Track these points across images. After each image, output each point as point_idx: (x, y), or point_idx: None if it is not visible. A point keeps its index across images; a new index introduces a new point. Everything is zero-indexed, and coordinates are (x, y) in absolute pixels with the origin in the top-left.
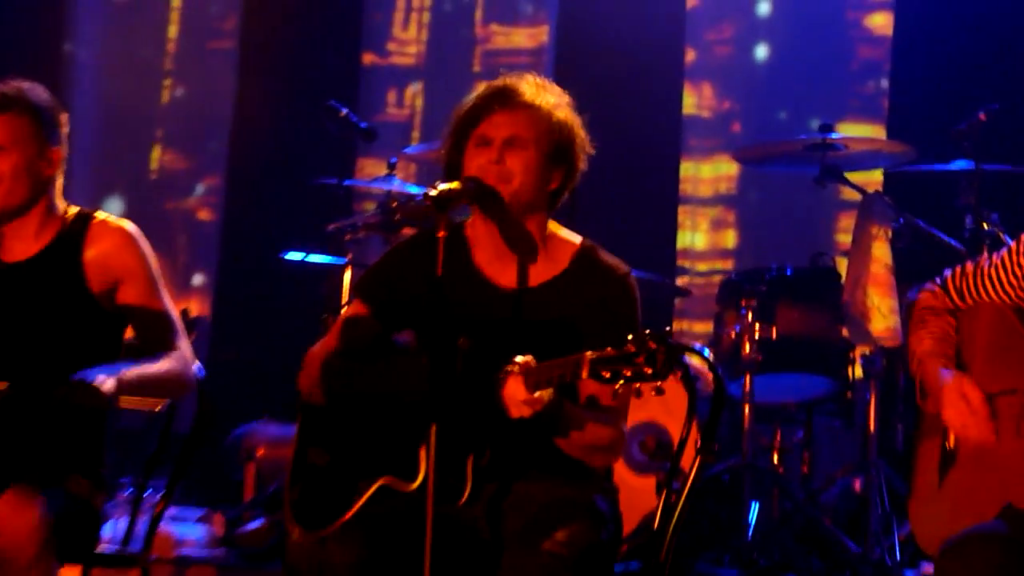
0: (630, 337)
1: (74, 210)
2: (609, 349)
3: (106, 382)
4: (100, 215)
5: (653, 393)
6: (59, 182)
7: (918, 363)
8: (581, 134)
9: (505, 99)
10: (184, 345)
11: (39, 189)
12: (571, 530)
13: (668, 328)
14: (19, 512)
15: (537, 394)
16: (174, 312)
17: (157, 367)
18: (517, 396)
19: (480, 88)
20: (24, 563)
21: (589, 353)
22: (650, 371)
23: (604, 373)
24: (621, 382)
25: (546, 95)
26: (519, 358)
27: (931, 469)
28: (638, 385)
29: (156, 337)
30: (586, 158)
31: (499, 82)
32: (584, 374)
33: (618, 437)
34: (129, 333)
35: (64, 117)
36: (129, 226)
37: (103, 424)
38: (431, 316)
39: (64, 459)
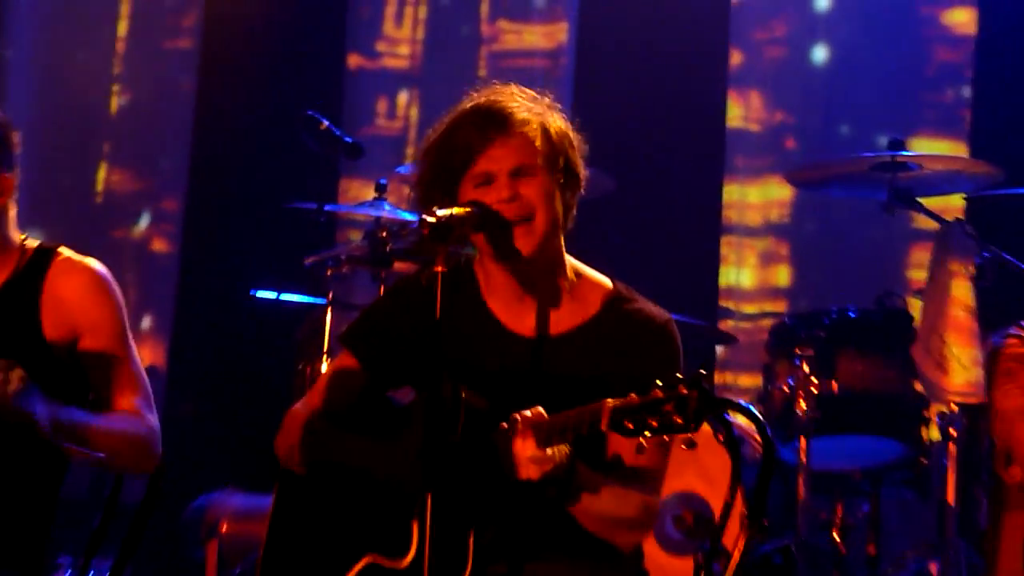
0: (658, 383)
1: (33, 244)
2: (633, 396)
3: (39, 412)
4: (64, 252)
5: (683, 447)
6: (12, 212)
7: (1003, 423)
8: (576, 137)
9: (498, 124)
10: (150, 413)
11: None
12: None
13: (702, 370)
14: None
15: (549, 451)
16: (144, 377)
17: (113, 422)
18: (524, 452)
19: (454, 117)
20: None
21: (610, 401)
22: (680, 421)
23: (627, 424)
24: (647, 434)
25: (535, 104)
26: (527, 412)
27: (1016, 550)
28: (667, 438)
29: (117, 398)
30: (587, 142)
31: (479, 104)
32: (604, 426)
33: (648, 507)
34: None
35: (16, 136)
36: (98, 267)
37: (50, 512)
38: (428, 367)
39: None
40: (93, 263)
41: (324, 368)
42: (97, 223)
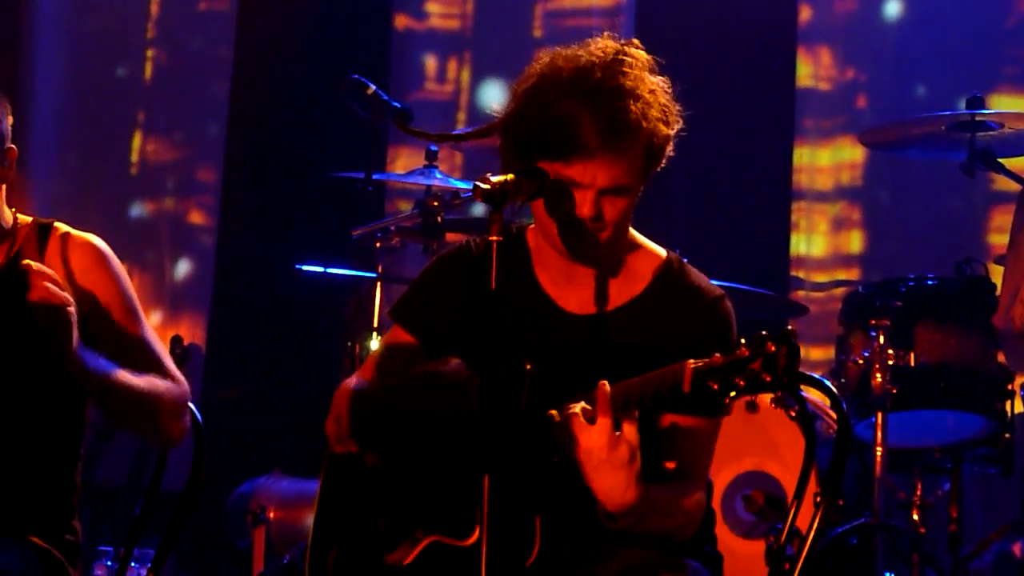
0: (743, 341)
1: (26, 220)
2: (717, 356)
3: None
4: (61, 227)
5: (771, 405)
6: (3, 186)
7: None
8: (676, 128)
9: (610, 138)
10: (177, 374)
11: None
12: None
13: (790, 327)
14: None
15: (626, 427)
16: (159, 344)
17: (147, 379)
18: (599, 442)
19: (566, 82)
20: None
21: (691, 362)
22: (769, 378)
23: (711, 384)
24: (733, 394)
25: (652, 105)
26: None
27: None
28: (750, 398)
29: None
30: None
31: (599, 95)
32: (686, 387)
33: (697, 504)
34: None
35: (5, 106)
36: (96, 241)
37: (72, 473)
38: (484, 339)
39: (22, 517)
40: (91, 237)
41: (374, 345)
42: (131, 195)
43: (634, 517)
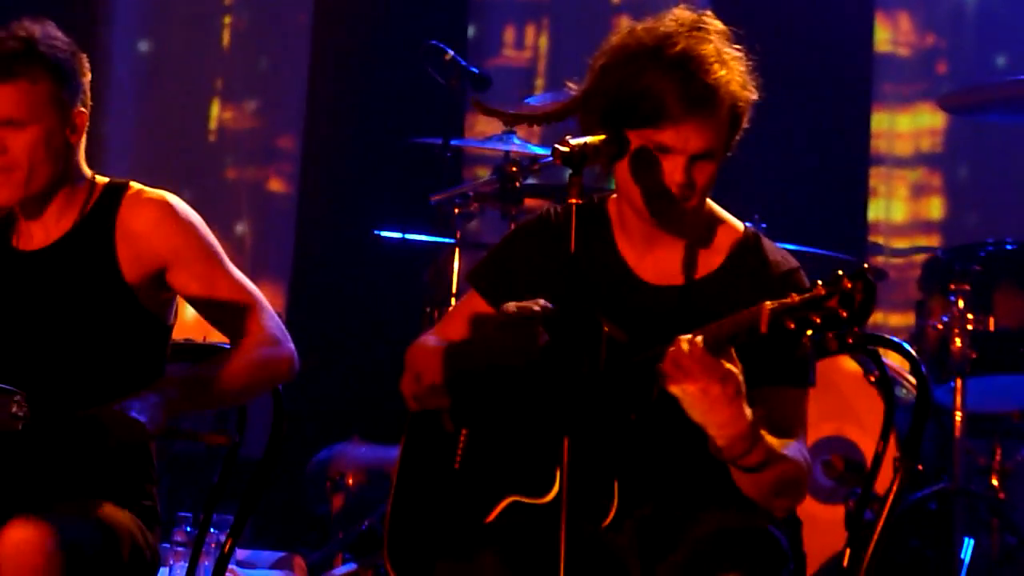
0: (819, 281)
1: (102, 180)
2: (793, 296)
3: (153, 408)
4: (135, 186)
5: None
6: (82, 145)
7: None
8: (754, 96)
9: (700, 103)
10: (269, 321)
11: (65, 162)
12: (741, 570)
13: (866, 265)
14: (26, 547)
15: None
16: (248, 284)
17: (234, 365)
18: (713, 377)
19: (649, 56)
20: None
21: (768, 304)
22: (846, 314)
23: (788, 323)
24: (810, 332)
25: (733, 72)
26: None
27: None
28: (830, 336)
29: (232, 319)
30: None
31: (685, 64)
32: (764, 327)
33: (806, 462)
34: (180, 333)
35: (85, 63)
36: (168, 196)
37: (147, 447)
38: (564, 302)
39: (97, 486)
40: (163, 193)
41: None
42: (210, 163)
43: (746, 452)
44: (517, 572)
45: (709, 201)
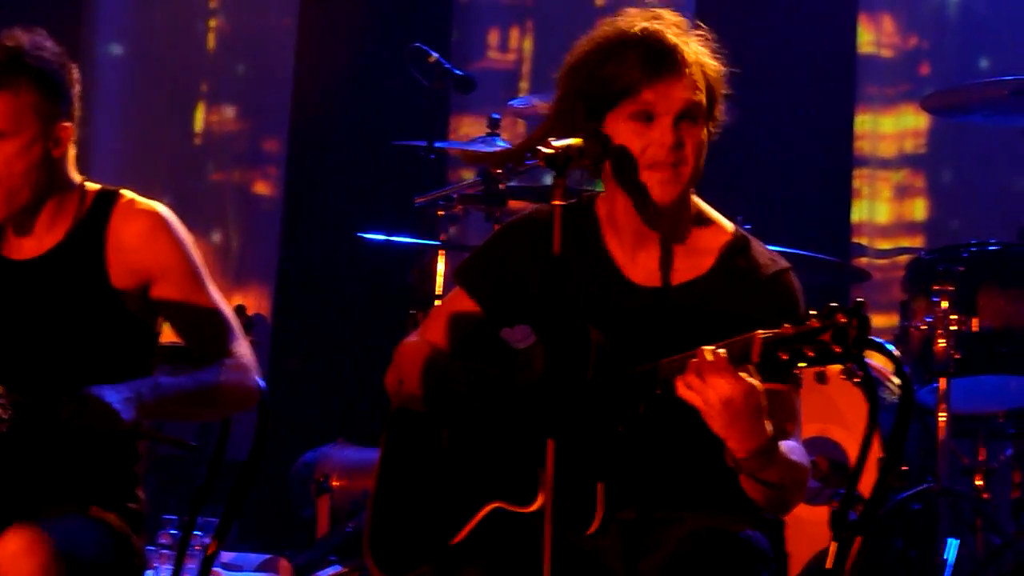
0: (813, 312)
1: (93, 187)
2: (787, 326)
3: (120, 403)
4: (127, 195)
5: (814, 381)
6: (71, 154)
7: None
8: (721, 68)
9: (667, 61)
10: (241, 349)
11: (49, 175)
12: (723, 573)
13: (861, 300)
14: (24, 556)
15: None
16: (226, 308)
17: (204, 379)
18: (720, 369)
19: (609, 43)
20: None
21: (760, 332)
22: (839, 349)
23: (781, 355)
24: (801, 365)
25: (692, 41)
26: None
27: None
28: (819, 369)
29: (205, 342)
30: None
31: (643, 34)
32: (755, 357)
33: (805, 464)
34: (169, 336)
35: (74, 73)
36: (161, 208)
37: (133, 444)
38: (548, 306)
39: (88, 490)
40: (156, 205)
41: None
42: (196, 166)
43: (761, 463)
44: None
45: (699, 201)
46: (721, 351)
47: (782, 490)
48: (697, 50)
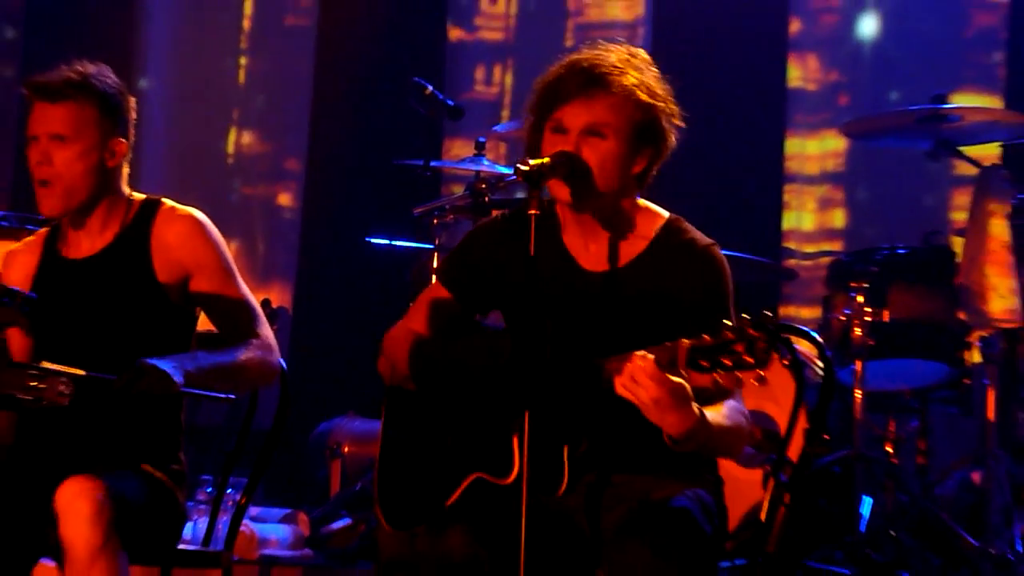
0: (728, 324)
1: (139, 197)
2: (707, 337)
3: (171, 370)
4: (167, 203)
5: (754, 383)
6: (125, 171)
7: None
8: (670, 107)
9: (585, 84)
10: (266, 332)
11: (103, 182)
12: (674, 524)
13: (768, 312)
14: (80, 499)
15: (675, 377)
16: (252, 299)
17: (235, 356)
18: (649, 374)
19: (563, 62)
20: (85, 552)
21: (685, 341)
22: (751, 360)
23: (703, 363)
24: (721, 372)
25: (631, 71)
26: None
27: None
28: (739, 375)
29: (235, 327)
30: (676, 131)
31: (582, 59)
32: (681, 363)
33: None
34: (204, 325)
35: (131, 103)
36: (197, 214)
37: (177, 415)
38: (523, 298)
39: (137, 451)
40: (193, 211)
41: None
42: (228, 182)
43: (695, 441)
44: (482, 543)
45: (639, 199)
46: (650, 356)
47: (718, 451)
48: (630, 78)
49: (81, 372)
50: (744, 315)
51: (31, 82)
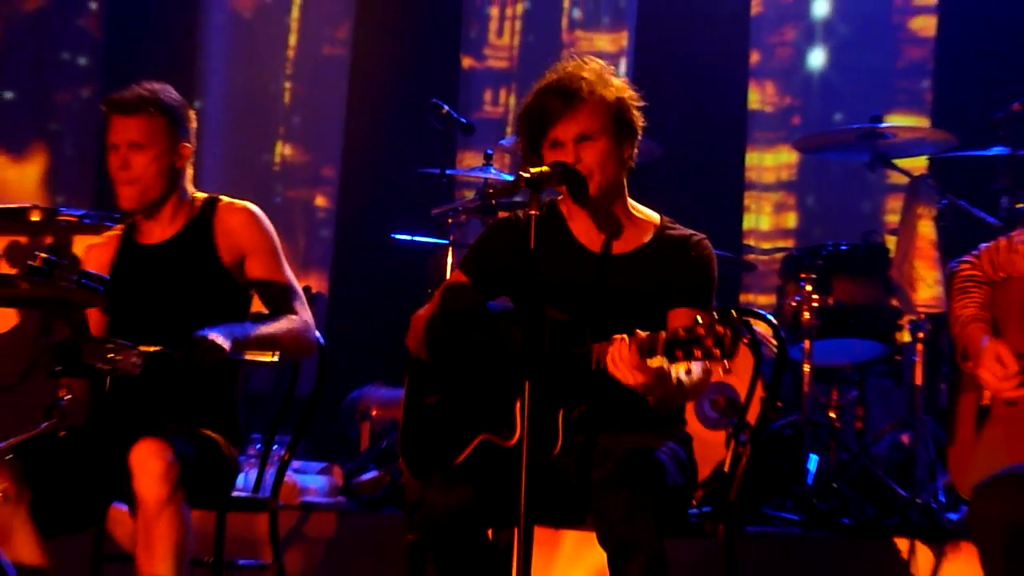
0: (700, 320)
1: (201, 195)
2: (681, 331)
3: (220, 339)
4: (224, 198)
5: (721, 372)
6: (189, 172)
7: (961, 327)
8: (629, 93)
9: (564, 102)
10: (304, 310)
11: (172, 181)
12: (651, 475)
13: (733, 312)
14: (152, 457)
15: (648, 362)
16: (295, 281)
17: (276, 327)
18: (628, 361)
19: (537, 88)
20: (156, 502)
21: (663, 334)
22: (719, 352)
23: (677, 352)
24: (692, 361)
25: (590, 75)
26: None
27: (968, 422)
28: (707, 365)
29: (279, 303)
30: (642, 113)
31: (553, 83)
32: (659, 352)
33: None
34: (256, 307)
35: (192, 114)
36: (252, 206)
37: (232, 385)
38: (524, 285)
39: (199, 415)
40: (248, 204)
41: None
42: (273, 186)
43: (671, 400)
44: (485, 494)
45: (633, 202)
46: (633, 345)
47: (688, 397)
48: (600, 84)
49: (151, 348)
50: (715, 312)
51: (109, 100)
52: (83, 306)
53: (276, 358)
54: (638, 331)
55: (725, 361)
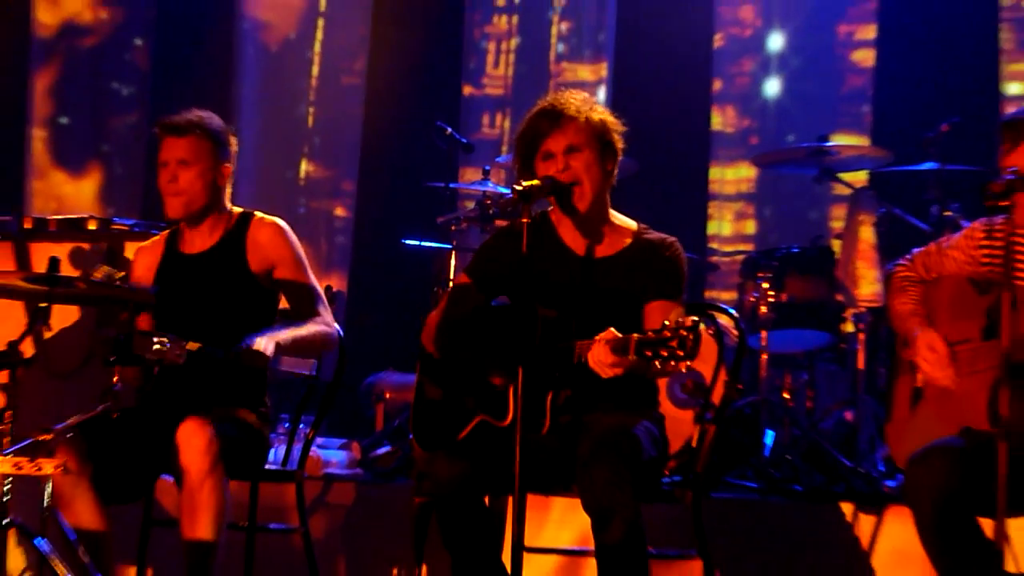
0: (667, 324)
1: (237, 210)
2: (650, 333)
3: (266, 346)
4: (258, 214)
5: (683, 370)
6: (228, 189)
7: (901, 321)
8: (612, 119)
9: (555, 120)
10: (326, 312)
11: (214, 196)
12: (629, 450)
13: (697, 320)
14: (195, 435)
15: (619, 358)
16: (318, 286)
17: (306, 329)
18: (605, 360)
19: (533, 111)
20: (198, 475)
21: (635, 336)
22: (682, 353)
23: (647, 352)
24: (659, 361)
25: (579, 103)
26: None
27: (904, 401)
28: (673, 364)
29: (304, 307)
30: (622, 137)
31: (546, 105)
32: (631, 352)
33: None
34: (282, 304)
35: (234, 139)
36: (280, 221)
37: (264, 372)
38: (519, 286)
39: (235, 399)
40: (277, 220)
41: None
42: (300, 198)
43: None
44: (484, 468)
45: (614, 211)
46: (609, 344)
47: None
48: (584, 108)
49: (194, 345)
50: (680, 318)
51: (163, 123)
52: (138, 309)
53: (312, 371)
54: (613, 331)
55: (688, 362)
